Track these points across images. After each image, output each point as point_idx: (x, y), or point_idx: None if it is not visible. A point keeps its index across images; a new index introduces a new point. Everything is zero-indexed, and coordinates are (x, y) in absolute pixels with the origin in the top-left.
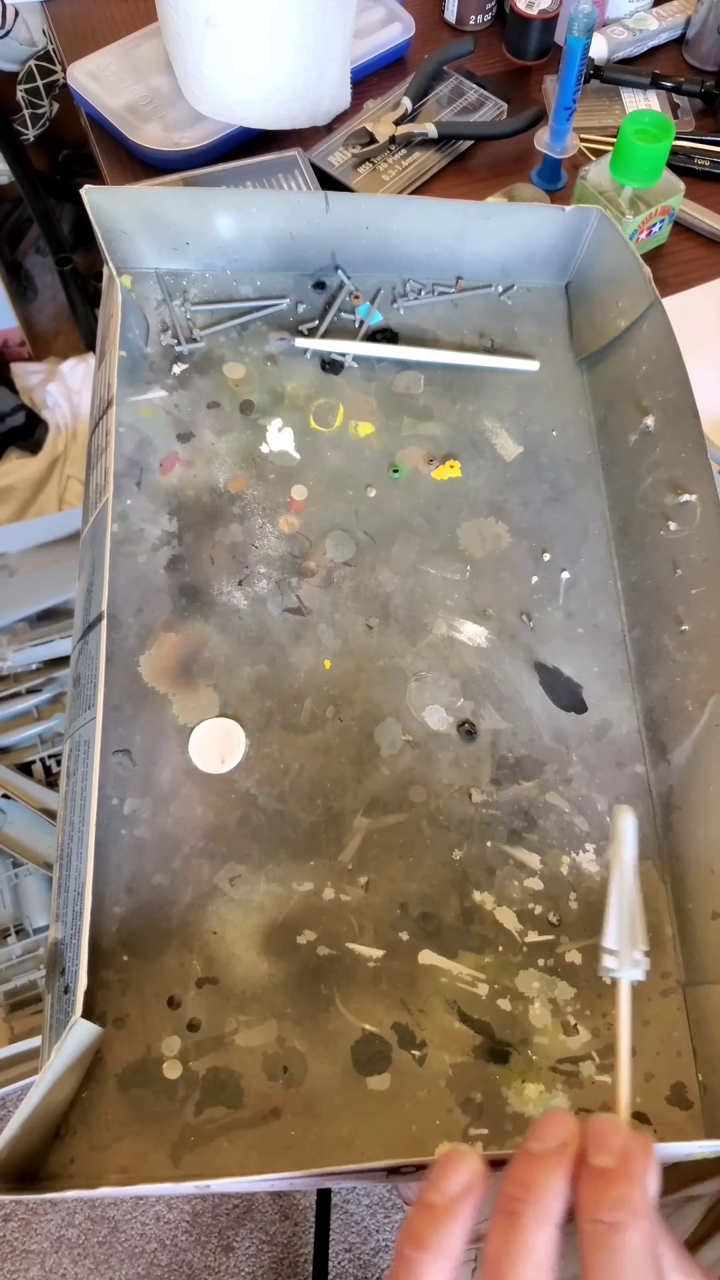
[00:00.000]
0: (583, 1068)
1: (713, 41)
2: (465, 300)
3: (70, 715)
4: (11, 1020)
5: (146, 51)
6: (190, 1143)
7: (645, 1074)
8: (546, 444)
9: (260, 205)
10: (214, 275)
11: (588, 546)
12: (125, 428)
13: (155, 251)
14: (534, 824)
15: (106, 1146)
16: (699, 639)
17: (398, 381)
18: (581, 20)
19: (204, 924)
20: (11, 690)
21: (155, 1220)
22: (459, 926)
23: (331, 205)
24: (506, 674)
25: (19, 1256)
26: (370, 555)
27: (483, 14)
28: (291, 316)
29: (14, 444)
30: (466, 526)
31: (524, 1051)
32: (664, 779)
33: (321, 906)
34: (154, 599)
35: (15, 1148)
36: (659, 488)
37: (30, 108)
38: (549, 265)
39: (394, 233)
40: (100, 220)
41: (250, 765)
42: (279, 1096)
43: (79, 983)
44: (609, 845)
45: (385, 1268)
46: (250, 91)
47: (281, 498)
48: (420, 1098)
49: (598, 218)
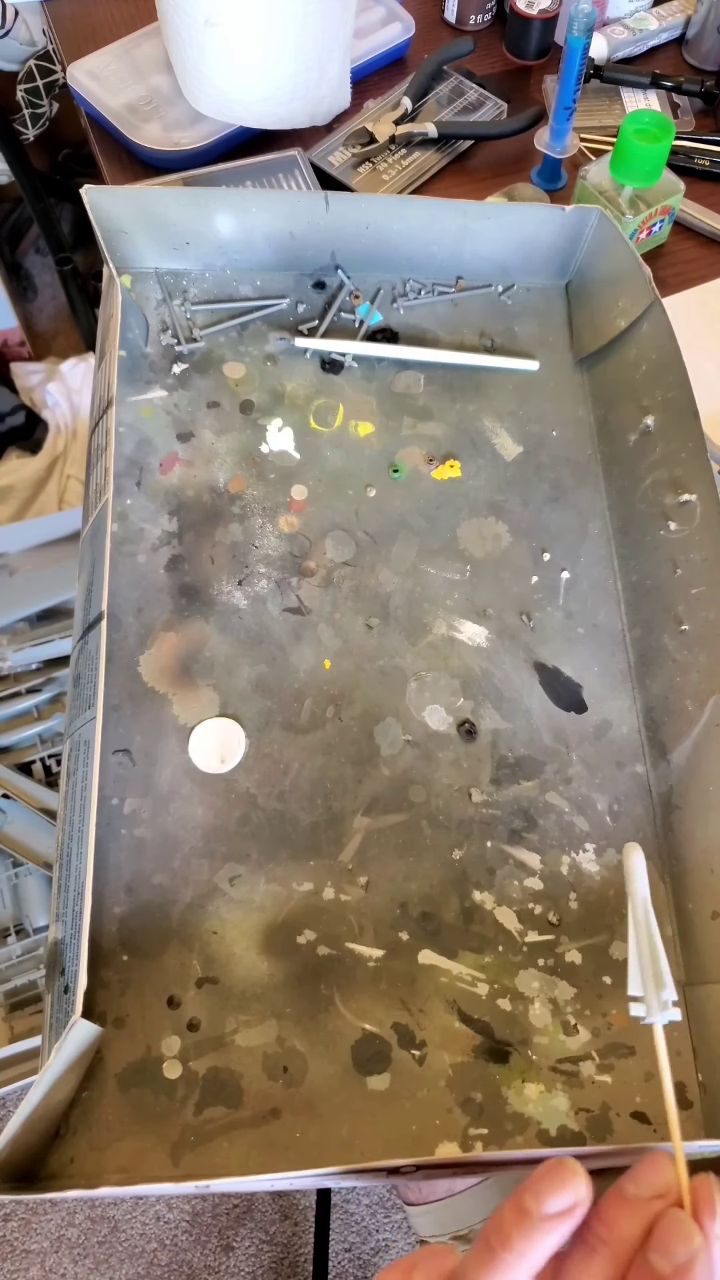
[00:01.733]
0: (583, 1067)
1: (713, 41)
2: (465, 300)
3: (70, 715)
4: (11, 1020)
5: (146, 51)
6: (190, 1142)
7: (645, 1074)
8: (546, 444)
9: (260, 205)
10: (214, 275)
11: (588, 546)
12: (125, 427)
13: (155, 251)
14: (534, 824)
15: (106, 1146)
16: (699, 639)
17: (398, 381)
18: (581, 20)
19: (204, 924)
20: (11, 690)
21: (155, 1220)
22: (459, 926)
23: (331, 205)
24: (506, 674)
25: (19, 1256)
26: (370, 555)
27: (483, 13)
28: (291, 316)
29: (14, 444)
30: (466, 526)
31: (524, 1051)
32: (664, 779)
33: (321, 906)
34: (154, 599)
35: (15, 1147)
36: (659, 487)
37: (30, 107)
38: (549, 265)
39: (394, 232)
40: (100, 220)
41: (250, 765)
42: (279, 1096)
43: (79, 982)
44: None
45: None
46: (250, 91)
47: (281, 497)
48: (420, 1097)
49: (598, 217)
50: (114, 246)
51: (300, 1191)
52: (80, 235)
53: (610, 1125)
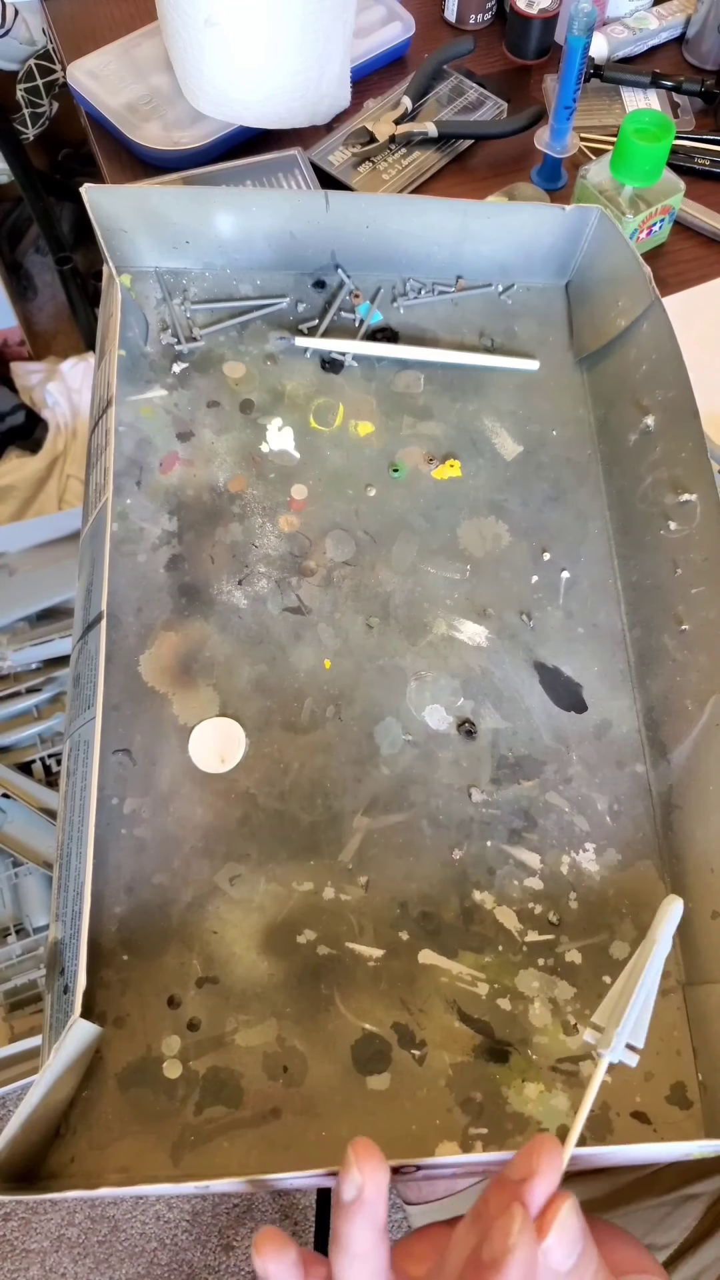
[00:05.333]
0: (583, 1067)
1: (713, 40)
2: (465, 299)
3: (70, 715)
4: (11, 1020)
5: (146, 50)
6: (190, 1142)
7: (645, 1073)
8: (546, 443)
9: (260, 204)
10: (214, 274)
11: (588, 546)
12: (125, 427)
13: (155, 250)
14: (534, 823)
15: (106, 1146)
16: (699, 638)
17: (398, 381)
18: (581, 19)
19: (204, 923)
20: (11, 690)
21: (155, 1219)
22: (459, 926)
23: (331, 204)
24: (506, 673)
25: (19, 1255)
26: (370, 554)
27: (483, 13)
28: (291, 315)
29: (14, 443)
30: (466, 526)
31: (524, 1051)
32: (664, 778)
33: (321, 906)
34: (154, 598)
35: (15, 1147)
36: (659, 487)
37: (30, 107)
38: (549, 264)
39: (394, 231)
40: (100, 219)
41: (250, 765)
42: (279, 1096)
43: (78, 982)
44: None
45: None
46: (250, 90)
47: (281, 497)
48: (420, 1097)
49: (598, 217)
50: (114, 245)
51: (300, 1191)
52: (80, 235)
53: (610, 1125)
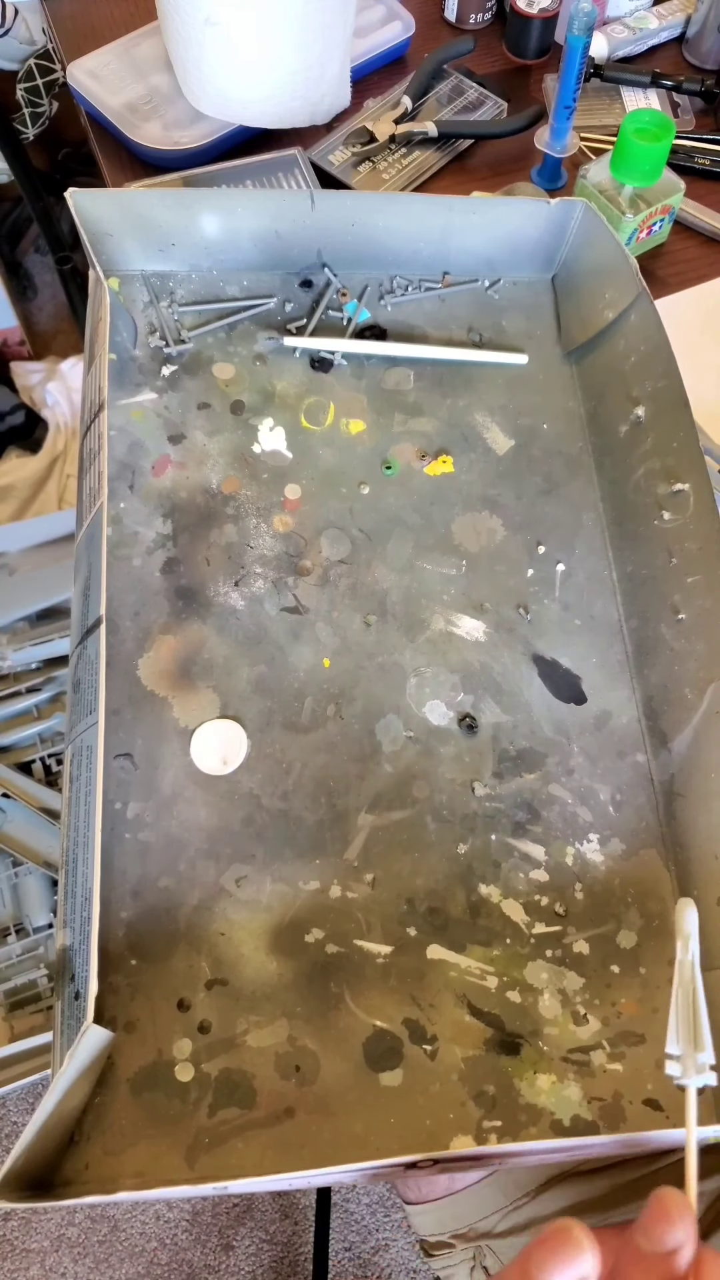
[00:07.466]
0: (594, 1057)
1: (713, 40)
2: (452, 295)
3: (71, 720)
4: (11, 1019)
5: (146, 50)
6: (205, 1145)
7: (655, 1061)
8: (538, 437)
9: (245, 204)
10: (200, 276)
11: (582, 538)
12: (116, 431)
13: (141, 253)
14: (537, 816)
15: (121, 1151)
16: (696, 627)
17: (387, 378)
18: (581, 19)
19: (211, 926)
20: (11, 690)
21: (155, 1219)
22: (466, 920)
23: (317, 203)
24: (505, 667)
25: (19, 1255)
26: (366, 552)
27: (483, 12)
28: (279, 315)
29: (14, 443)
30: (460, 521)
31: (535, 1043)
32: (665, 767)
33: (328, 904)
34: (151, 602)
35: (30, 1156)
36: (651, 478)
37: (30, 106)
38: (535, 258)
39: (380, 229)
40: (85, 223)
41: (252, 765)
42: (292, 1095)
43: (89, 988)
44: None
45: (385, 1266)
46: (250, 90)
47: (275, 497)
48: (433, 1092)
49: (582, 210)
50: (100, 249)
51: (300, 1190)
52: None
53: (623, 1113)
